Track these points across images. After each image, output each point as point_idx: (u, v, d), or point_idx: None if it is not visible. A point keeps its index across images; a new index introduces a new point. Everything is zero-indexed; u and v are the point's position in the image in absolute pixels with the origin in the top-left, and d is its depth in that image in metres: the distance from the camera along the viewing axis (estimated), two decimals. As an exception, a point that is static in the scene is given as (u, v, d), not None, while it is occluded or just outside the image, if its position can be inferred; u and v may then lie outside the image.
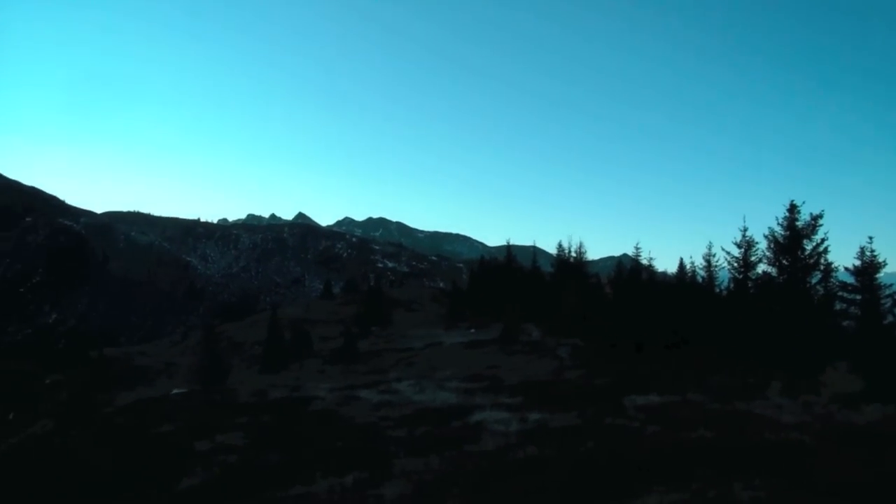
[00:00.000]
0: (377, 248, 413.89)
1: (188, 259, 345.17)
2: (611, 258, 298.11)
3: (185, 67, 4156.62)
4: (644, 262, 70.11)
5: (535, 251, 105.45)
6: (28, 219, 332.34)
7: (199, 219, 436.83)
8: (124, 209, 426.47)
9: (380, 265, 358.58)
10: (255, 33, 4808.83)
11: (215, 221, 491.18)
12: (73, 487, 26.71)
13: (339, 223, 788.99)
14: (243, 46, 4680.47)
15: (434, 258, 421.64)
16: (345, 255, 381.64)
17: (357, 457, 23.10)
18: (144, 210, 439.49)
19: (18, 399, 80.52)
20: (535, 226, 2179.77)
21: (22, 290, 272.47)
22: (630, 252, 72.11)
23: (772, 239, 39.35)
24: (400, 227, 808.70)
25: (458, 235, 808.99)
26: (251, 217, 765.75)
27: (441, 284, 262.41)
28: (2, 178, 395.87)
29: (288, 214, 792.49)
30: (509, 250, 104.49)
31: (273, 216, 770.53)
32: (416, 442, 25.04)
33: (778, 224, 38.73)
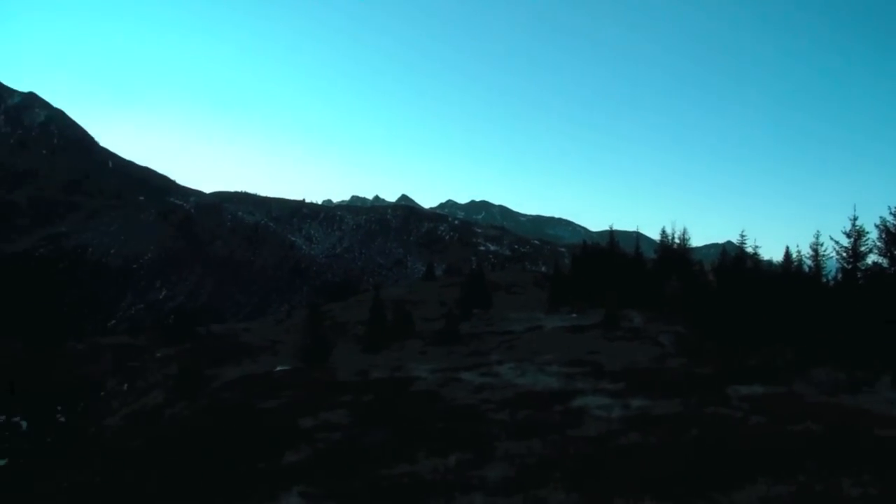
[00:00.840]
0: (479, 231, 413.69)
1: (293, 239, 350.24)
2: (714, 245, 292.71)
3: (291, 54, 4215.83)
4: (749, 249, 68.80)
5: (637, 237, 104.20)
6: (141, 198, 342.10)
7: (304, 199, 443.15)
8: (232, 189, 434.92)
9: (482, 248, 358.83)
10: (358, 19, 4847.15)
11: (320, 202, 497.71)
12: (182, 456, 27.51)
13: (441, 206, 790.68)
14: (349, 31, 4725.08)
15: (536, 242, 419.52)
16: (447, 237, 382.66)
17: (460, 438, 23.26)
18: (251, 190, 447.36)
19: (131, 371, 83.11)
20: (639, 211, 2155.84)
21: (134, 266, 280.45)
22: (734, 239, 70.83)
23: (883, 229, 38.07)
24: (502, 210, 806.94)
25: (560, 220, 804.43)
26: (355, 198, 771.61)
27: (543, 268, 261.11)
28: (116, 158, 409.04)
29: (391, 196, 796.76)
30: (612, 235, 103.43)
31: (377, 198, 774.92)
32: (518, 425, 25.09)
33: (890, 213, 37.43)
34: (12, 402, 77.39)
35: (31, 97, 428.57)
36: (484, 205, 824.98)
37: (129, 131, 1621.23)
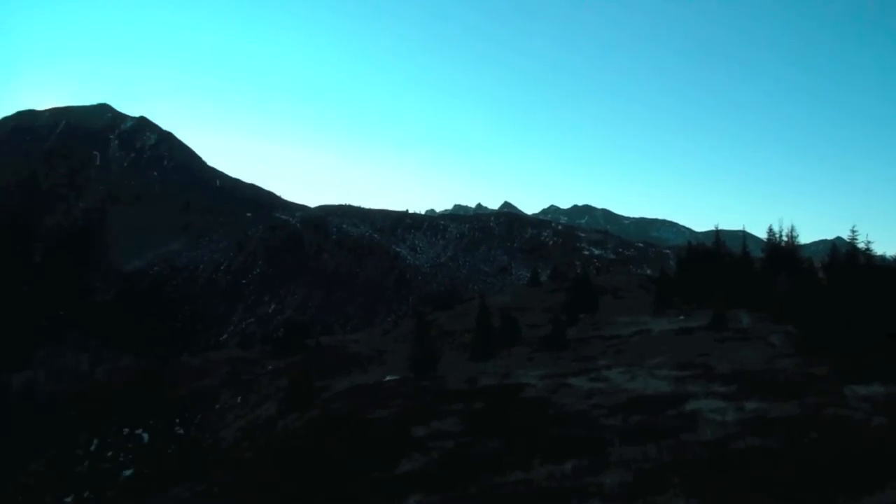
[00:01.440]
0: (583, 235, 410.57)
1: (397, 250, 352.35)
2: (824, 241, 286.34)
3: (390, 64, 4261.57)
4: (860, 245, 67.17)
5: (744, 236, 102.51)
6: (248, 214, 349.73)
7: (407, 210, 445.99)
8: (336, 203, 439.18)
9: (586, 252, 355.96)
10: (454, 23, 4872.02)
11: (423, 212, 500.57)
12: (296, 467, 27.96)
13: (544, 211, 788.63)
14: (447, 37, 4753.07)
15: (640, 245, 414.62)
16: (551, 243, 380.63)
17: (573, 444, 23.15)
18: (355, 203, 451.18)
19: (244, 384, 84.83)
20: (744, 210, 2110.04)
21: (244, 281, 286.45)
22: (845, 235, 69.24)
23: None
24: (605, 213, 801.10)
25: (664, 221, 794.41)
26: (458, 207, 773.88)
27: (648, 271, 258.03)
28: (224, 177, 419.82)
29: (494, 204, 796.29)
30: (717, 235, 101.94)
31: (479, 206, 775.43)
32: (631, 430, 24.90)
33: None
34: (134, 415, 79.76)
35: (143, 121, 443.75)
36: (587, 209, 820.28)
37: (234, 151, 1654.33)
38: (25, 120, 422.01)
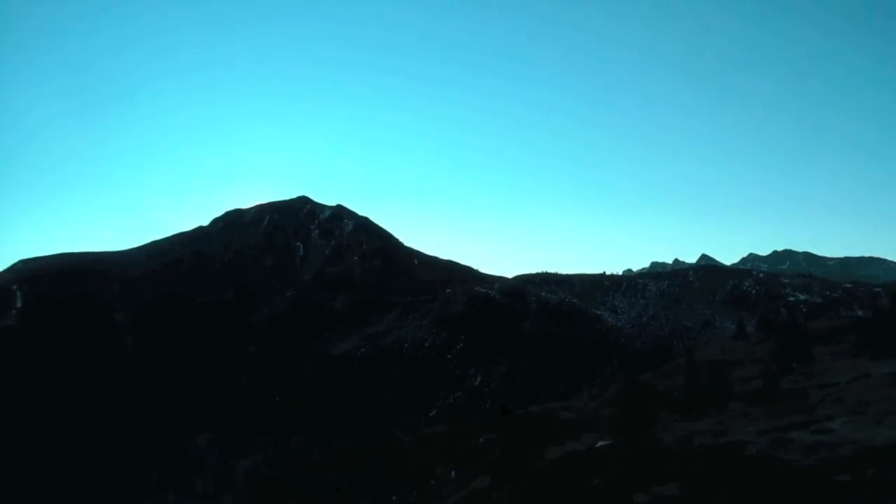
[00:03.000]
0: (786, 281, 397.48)
1: (598, 313, 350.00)
2: None
3: (577, 131, 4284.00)
4: None
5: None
6: (448, 290, 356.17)
7: (604, 272, 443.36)
8: (532, 271, 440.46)
9: (791, 298, 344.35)
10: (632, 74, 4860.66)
11: (620, 273, 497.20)
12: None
13: (743, 260, 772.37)
14: (636, 94, 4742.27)
15: (848, 285, 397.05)
16: (753, 292, 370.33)
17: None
18: (552, 269, 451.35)
19: (457, 458, 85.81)
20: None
21: (449, 356, 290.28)
22: None
23: None
24: (807, 256, 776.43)
25: (871, 258, 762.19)
26: (655, 265, 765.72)
27: (860, 312, 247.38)
28: (421, 255, 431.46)
29: (691, 257, 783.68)
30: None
31: (676, 261, 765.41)
32: (867, 486, 23.90)
33: None
34: (353, 495, 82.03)
35: (340, 209, 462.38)
36: (787, 254, 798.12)
37: (428, 230, 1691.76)
38: (233, 219, 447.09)
